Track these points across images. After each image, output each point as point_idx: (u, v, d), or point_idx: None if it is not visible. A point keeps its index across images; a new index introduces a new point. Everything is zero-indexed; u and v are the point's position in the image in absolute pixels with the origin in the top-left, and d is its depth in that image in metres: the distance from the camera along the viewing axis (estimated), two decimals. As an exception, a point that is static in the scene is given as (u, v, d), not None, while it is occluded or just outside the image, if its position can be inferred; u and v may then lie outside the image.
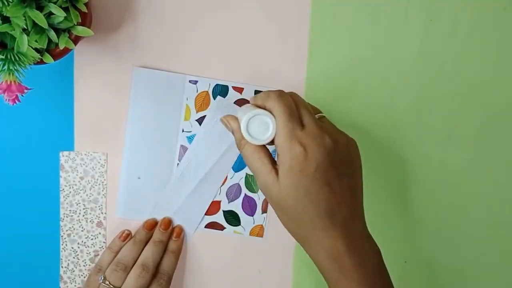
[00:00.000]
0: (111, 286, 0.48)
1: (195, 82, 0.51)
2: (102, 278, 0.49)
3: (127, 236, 0.52)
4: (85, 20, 0.44)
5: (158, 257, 0.50)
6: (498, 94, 0.51)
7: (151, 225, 0.52)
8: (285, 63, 0.51)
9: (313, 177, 0.39)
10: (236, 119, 0.43)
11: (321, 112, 0.45)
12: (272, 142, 0.41)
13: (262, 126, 0.41)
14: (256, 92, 0.51)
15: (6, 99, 0.41)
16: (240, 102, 0.51)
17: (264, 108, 0.41)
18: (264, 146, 0.41)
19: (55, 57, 0.43)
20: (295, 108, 0.41)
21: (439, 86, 0.51)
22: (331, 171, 0.40)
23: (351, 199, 0.41)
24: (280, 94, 0.42)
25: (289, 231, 0.42)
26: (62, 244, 0.54)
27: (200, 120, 0.52)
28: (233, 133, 0.43)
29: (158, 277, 0.50)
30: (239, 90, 0.51)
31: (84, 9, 0.42)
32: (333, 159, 0.40)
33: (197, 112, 0.51)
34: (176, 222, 0.53)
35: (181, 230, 0.53)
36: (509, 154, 0.51)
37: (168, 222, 0.52)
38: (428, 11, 0.50)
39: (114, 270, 0.49)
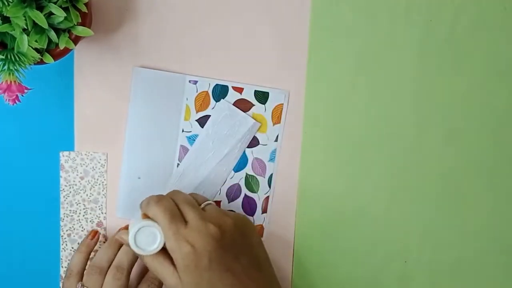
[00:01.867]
0: None
1: (195, 82, 0.51)
2: (80, 285, 0.48)
3: (95, 234, 0.52)
4: (85, 20, 0.44)
5: (134, 257, 0.49)
6: (498, 94, 0.51)
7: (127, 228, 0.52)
8: (285, 63, 0.51)
9: (210, 269, 0.40)
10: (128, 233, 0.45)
11: (207, 200, 0.46)
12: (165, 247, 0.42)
13: (150, 236, 0.43)
14: (256, 92, 0.51)
15: (6, 99, 0.41)
16: (240, 102, 0.51)
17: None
18: (162, 249, 0.43)
19: (55, 57, 0.43)
20: (175, 209, 0.43)
21: (439, 86, 0.51)
22: (226, 256, 0.41)
23: (256, 275, 0.42)
24: (158, 198, 0.43)
25: None
26: (62, 244, 0.54)
27: (200, 120, 0.52)
28: (128, 246, 0.44)
29: (149, 283, 0.49)
30: (239, 90, 0.51)
31: (84, 9, 0.42)
32: (224, 244, 0.41)
33: (197, 112, 0.51)
34: None
35: None
36: (509, 154, 0.51)
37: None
38: (428, 11, 0.50)
39: (90, 274, 0.48)
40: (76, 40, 0.44)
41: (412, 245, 0.53)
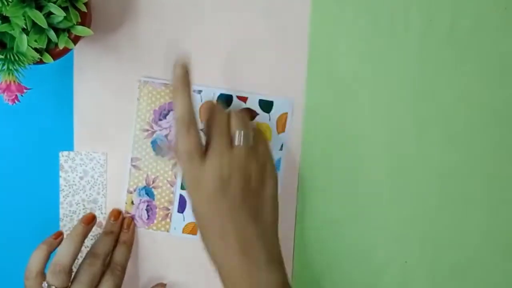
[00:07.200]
0: None
1: (200, 92, 0.51)
2: (47, 286, 0.46)
3: (60, 235, 0.49)
4: (85, 20, 0.44)
5: (110, 247, 0.49)
6: (498, 94, 0.51)
7: (89, 219, 0.50)
8: (285, 64, 0.51)
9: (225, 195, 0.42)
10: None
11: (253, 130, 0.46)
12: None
13: None
14: (260, 101, 0.51)
15: (5, 99, 0.41)
16: (244, 112, 0.51)
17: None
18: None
19: (55, 57, 0.43)
20: (226, 129, 0.43)
21: (439, 86, 0.51)
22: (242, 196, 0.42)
23: (253, 222, 0.43)
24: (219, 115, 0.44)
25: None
26: (62, 244, 0.53)
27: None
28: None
29: (112, 268, 0.49)
30: (244, 99, 0.51)
31: (83, 8, 0.42)
32: (246, 186, 0.43)
33: (201, 121, 0.51)
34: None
35: (131, 221, 0.52)
36: (509, 154, 0.51)
37: (118, 213, 0.52)
38: (428, 11, 0.50)
39: (54, 273, 0.46)
40: (75, 39, 0.44)
41: (413, 246, 0.53)
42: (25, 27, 0.39)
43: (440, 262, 0.53)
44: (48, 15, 0.41)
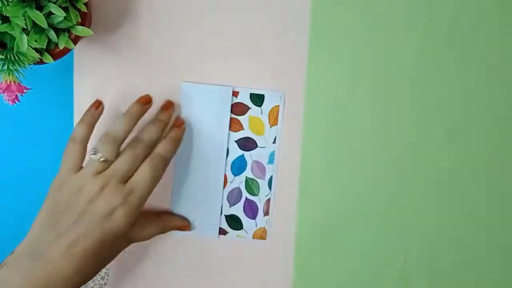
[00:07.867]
0: (103, 158, 0.44)
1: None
2: (93, 152, 0.45)
3: (99, 104, 0.48)
4: (85, 20, 0.44)
5: (155, 136, 0.47)
6: (497, 94, 0.51)
7: (147, 100, 0.49)
8: (285, 64, 0.51)
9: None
10: None
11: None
12: None
13: None
14: (252, 95, 0.51)
15: (6, 99, 0.41)
16: (236, 106, 0.51)
17: None
18: None
19: (55, 57, 0.44)
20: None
21: (438, 86, 0.51)
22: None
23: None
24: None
25: None
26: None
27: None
28: None
29: (152, 157, 0.46)
30: (235, 94, 0.51)
31: (83, 9, 0.42)
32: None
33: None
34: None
35: (182, 121, 0.50)
36: (509, 154, 0.51)
37: (169, 104, 0.50)
38: (428, 11, 0.50)
39: (103, 142, 0.45)
40: (75, 40, 0.44)
41: (412, 245, 0.53)
42: (25, 27, 0.40)
43: (440, 262, 0.53)
44: (48, 15, 0.41)
